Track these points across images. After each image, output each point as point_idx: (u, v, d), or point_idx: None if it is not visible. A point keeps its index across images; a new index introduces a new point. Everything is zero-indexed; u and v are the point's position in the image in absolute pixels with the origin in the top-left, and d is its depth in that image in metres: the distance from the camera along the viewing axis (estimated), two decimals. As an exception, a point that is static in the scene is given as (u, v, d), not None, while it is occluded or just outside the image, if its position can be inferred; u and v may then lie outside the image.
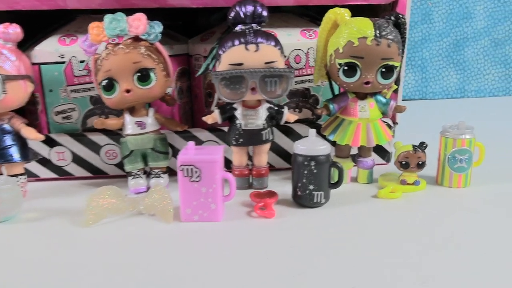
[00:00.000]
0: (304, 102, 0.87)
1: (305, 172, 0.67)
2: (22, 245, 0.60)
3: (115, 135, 0.81)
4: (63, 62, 0.80)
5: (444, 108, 1.48)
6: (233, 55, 0.69)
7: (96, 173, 0.84)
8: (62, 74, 0.80)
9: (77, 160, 0.83)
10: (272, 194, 0.71)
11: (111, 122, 0.76)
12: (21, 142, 0.75)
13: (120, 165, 0.82)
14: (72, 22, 0.87)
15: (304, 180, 0.67)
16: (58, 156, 0.83)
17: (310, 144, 0.67)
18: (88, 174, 0.84)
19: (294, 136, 0.84)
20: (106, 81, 0.71)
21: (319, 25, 0.75)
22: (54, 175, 0.84)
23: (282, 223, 0.64)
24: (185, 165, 0.62)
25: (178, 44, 0.90)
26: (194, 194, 0.64)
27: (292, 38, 0.83)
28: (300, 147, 0.67)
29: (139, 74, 0.71)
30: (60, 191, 0.79)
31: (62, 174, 0.84)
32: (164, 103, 0.80)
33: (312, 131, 0.68)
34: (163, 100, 0.79)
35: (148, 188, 0.74)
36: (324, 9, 0.74)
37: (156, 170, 0.78)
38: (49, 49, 0.80)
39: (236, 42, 0.68)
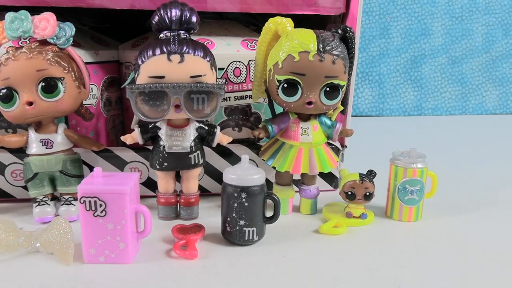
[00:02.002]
0: (244, 121, 0.78)
1: (235, 205, 0.57)
2: None
3: (23, 152, 0.69)
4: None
5: (400, 126, 1.43)
6: (154, 66, 0.59)
7: (1, 196, 0.72)
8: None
9: (-24, 181, 0.71)
10: (198, 228, 0.61)
11: (11, 140, 0.64)
12: None
13: (28, 188, 0.70)
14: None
15: (234, 214, 0.58)
16: (-48, 176, 0.70)
17: (242, 173, 0.58)
18: (-9, 198, 0.72)
19: (232, 158, 0.75)
20: (4, 90, 0.61)
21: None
22: None
23: (204, 266, 0.55)
24: (87, 197, 0.52)
25: (106, 50, 0.80)
26: (99, 232, 0.53)
27: (232, 48, 0.74)
28: (229, 176, 0.58)
29: (43, 84, 0.60)
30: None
31: (-43, 198, 0.71)
32: (80, 117, 0.69)
33: (245, 157, 0.59)
34: (79, 114, 0.68)
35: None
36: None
37: (67, 196, 0.67)
38: None
39: (157, 51, 0.58)
